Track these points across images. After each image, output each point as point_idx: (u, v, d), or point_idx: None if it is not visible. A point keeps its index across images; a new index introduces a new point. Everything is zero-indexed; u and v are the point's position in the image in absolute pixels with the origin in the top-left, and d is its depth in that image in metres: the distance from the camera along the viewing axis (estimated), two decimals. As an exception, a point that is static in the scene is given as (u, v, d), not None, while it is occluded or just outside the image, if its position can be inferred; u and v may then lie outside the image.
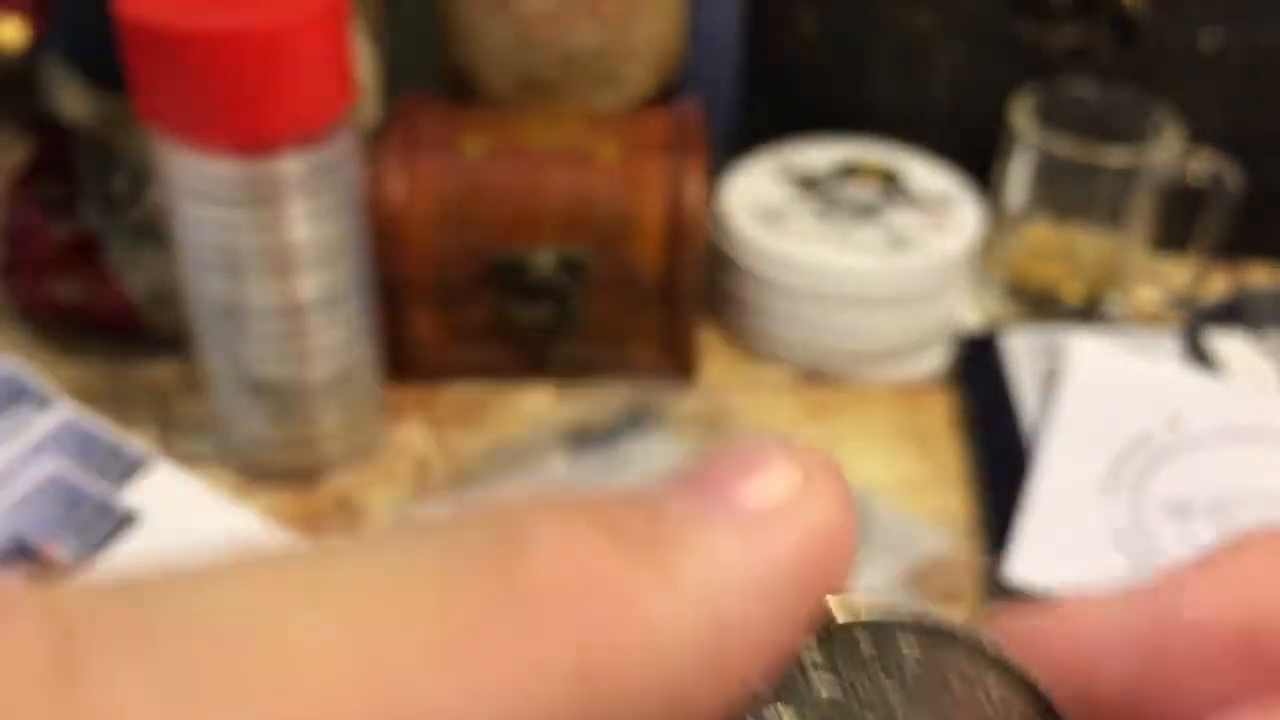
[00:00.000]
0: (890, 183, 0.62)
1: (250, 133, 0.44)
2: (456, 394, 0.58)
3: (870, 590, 0.43)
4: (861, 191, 0.61)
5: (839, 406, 0.58)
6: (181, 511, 0.48)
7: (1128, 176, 0.58)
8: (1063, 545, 0.48)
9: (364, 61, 0.56)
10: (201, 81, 0.43)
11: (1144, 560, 0.47)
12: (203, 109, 0.43)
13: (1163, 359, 0.57)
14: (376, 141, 0.55)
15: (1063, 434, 0.53)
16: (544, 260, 0.54)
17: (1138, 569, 0.47)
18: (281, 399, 0.50)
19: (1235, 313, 0.61)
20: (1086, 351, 0.56)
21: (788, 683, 0.15)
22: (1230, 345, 0.58)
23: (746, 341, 0.61)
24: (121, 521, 0.47)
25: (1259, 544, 0.17)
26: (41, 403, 0.51)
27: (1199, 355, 0.57)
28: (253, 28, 0.42)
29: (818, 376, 0.59)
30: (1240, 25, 0.60)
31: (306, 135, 0.45)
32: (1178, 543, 0.48)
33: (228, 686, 0.14)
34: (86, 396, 0.56)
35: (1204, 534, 0.48)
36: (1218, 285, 0.63)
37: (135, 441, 0.50)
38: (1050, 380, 0.56)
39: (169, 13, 0.42)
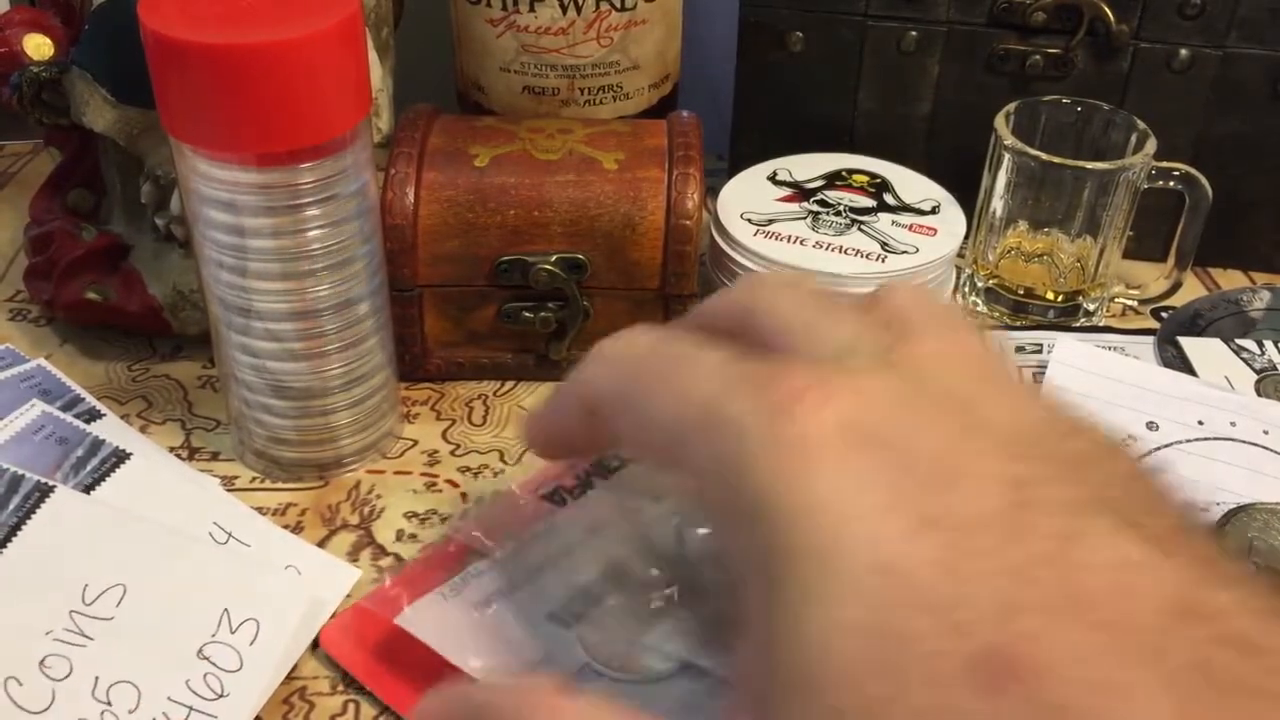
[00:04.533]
0: (879, 191, 0.63)
1: (268, 143, 0.44)
2: (465, 392, 0.59)
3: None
4: (852, 199, 0.63)
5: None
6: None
7: (1105, 185, 0.59)
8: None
9: (377, 74, 0.57)
10: (222, 93, 0.43)
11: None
12: (223, 120, 0.44)
13: (1144, 360, 0.58)
14: (389, 151, 0.56)
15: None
16: (548, 265, 0.55)
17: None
18: (299, 398, 0.51)
19: (1207, 317, 0.62)
20: (1068, 353, 0.57)
21: None
22: (1204, 348, 0.59)
23: (742, 343, 0.62)
24: (114, 457, 0.49)
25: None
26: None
27: (1174, 358, 0.58)
28: (271, 42, 0.42)
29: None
30: (1212, 40, 0.62)
31: (322, 145, 0.45)
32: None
33: None
34: (111, 395, 0.58)
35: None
36: (1191, 290, 0.65)
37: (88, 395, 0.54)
38: (1033, 374, 0.57)
39: (190, 27, 0.42)
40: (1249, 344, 0.59)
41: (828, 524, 0.26)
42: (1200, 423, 0.53)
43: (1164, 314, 0.63)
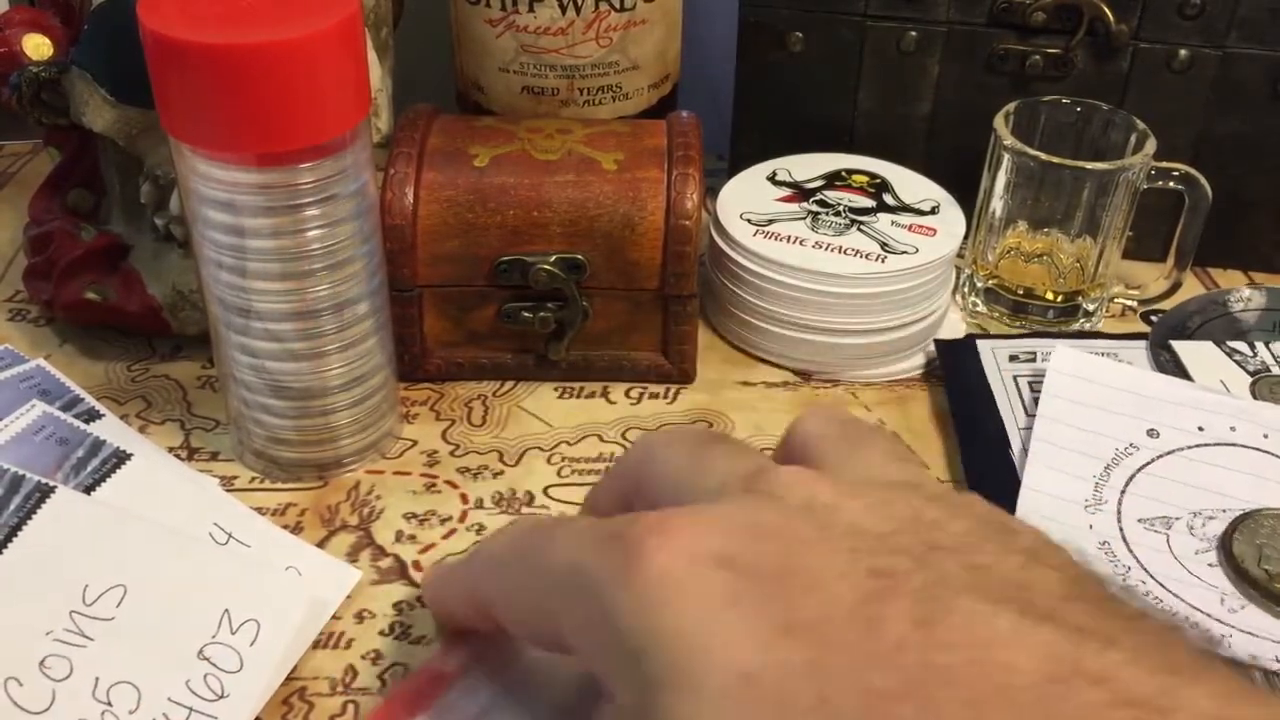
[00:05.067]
0: (879, 191, 0.63)
1: (268, 143, 0.44)
2: (464, 393, 0.59)
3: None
4: (852, 199, 0.63)
5: (830, 405, 0.59)
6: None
7: (1104, 185, 0.59)
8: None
9: (376, 74, 0.57)
10: (221, 93, 0.43)
11: (1128, 572, 0.47)
12: (222, 120, 0.44)
13: (1138, 365, 0.57)
14: (388, 151, 0.56)
15: (1046, 446, 0.53)
16: (548, 265, 0.55)
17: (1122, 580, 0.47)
18: (298, 398, 0.51)
19: (1197, 320, 0.61)
20: (1065, 361, 0.56)
21: None
22: (1197, 351, 0.59)
23: (741, 342, 0.62)
24: (114, 457, 0.49)
25: None
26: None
27: (1168, 362, 0.58)
28: (271, 42, 0.42)
29: (809, 376, 0.60)
30: (1212, 40, 0.62)
31: (322, 145, 0.45)
32: (1159, 553, 0.48)
33: None
34: (111, 395, 0.58)
35: (1185, 544, 0.49)
36: (1190, 291, 0.65)
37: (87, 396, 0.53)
38: (1028, 382, 0.57)
39: (190, 27, 0.42)
40: (1240, 346, 0.59)
41: (689, 652, 0.27)
42: (1200, 428, 0.53)
43: (1153, 318, 0.63)
